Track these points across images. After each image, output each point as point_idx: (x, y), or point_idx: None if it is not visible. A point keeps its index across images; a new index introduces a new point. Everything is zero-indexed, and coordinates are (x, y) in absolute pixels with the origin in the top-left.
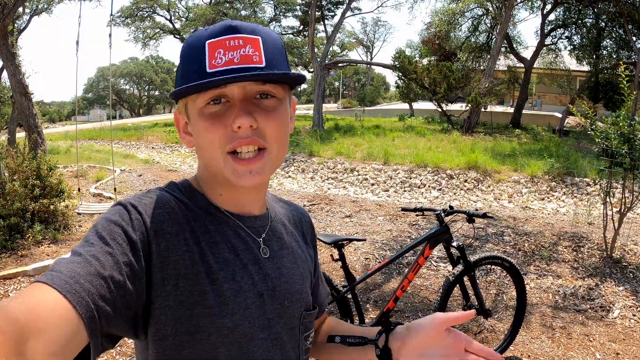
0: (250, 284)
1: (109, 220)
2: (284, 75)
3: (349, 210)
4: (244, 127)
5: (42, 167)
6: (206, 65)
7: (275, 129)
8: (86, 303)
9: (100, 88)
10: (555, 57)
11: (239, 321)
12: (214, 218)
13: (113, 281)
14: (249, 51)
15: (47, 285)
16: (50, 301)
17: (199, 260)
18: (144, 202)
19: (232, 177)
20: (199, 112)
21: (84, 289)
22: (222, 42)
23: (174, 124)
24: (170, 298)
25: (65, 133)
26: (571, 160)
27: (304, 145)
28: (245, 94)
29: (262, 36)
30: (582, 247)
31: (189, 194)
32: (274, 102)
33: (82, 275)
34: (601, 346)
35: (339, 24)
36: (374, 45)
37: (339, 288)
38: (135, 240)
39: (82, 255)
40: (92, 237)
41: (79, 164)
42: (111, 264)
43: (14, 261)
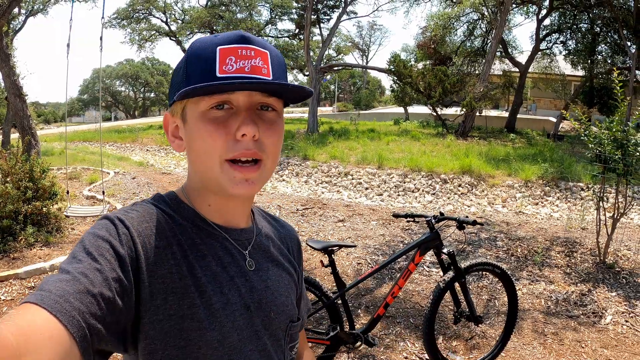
0: (237, 296)
1: (96, 235)
2: (301, 89)
3: (342, 215)
4: (249, 136)
5: (35, 169)
6: (216, 69)
7: (274, 144)
8: (77, 322)
9: (96, 89)
10: (550, 61)
11: (227, 333)
12: (200, 231)
13: (103, 298)
14: (259, 63)
15: (37, 305)
16: (41, 322)
17: (187, 273)
18: (131, 216)
19: (228, 184)
20: (201, 116)
21: (75, 308)
22: (234, 49)
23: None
24: (159, 312)
25: (60, 134)
26: (565, 165)
27: (298, 148)
28: (251, 103)
29: (270, 51)
30: (575, 253)
31: (176, 206)
32: (274, 115)
33: (71, 294)
34: (593, 352)
35: (335, 27)
36: (370, 49)
37: (329, 294)
38: (123, 255)
39: (71, 273)
40: (80, 254)
41: (73, 165)
42: (100, 281)
43: (6, 264)
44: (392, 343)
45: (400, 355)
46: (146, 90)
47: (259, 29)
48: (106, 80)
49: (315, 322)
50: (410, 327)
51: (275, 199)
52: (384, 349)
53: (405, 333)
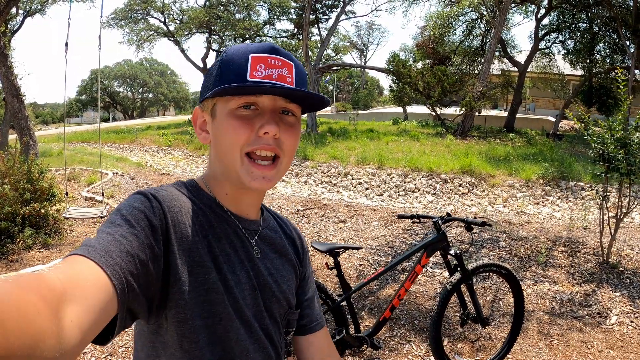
0: (246, 277)
1: (132, 206)
2: (321, 98)
3: (343, 215)
4: (270, 134)
5: (32, 171)
6: (247, 74)
7: (291, 143)
8: (119, 276)
9: (94, 90)
10: (549, 61)
11: (240, 309)
12: (217, 216)
13: (139, 260)
14: (285, 72)
15: (84, 257)
16: (87, 271)
17: (207, 251)
18: (162, 194)
19: (246, 177)
20: (230, 113)
21: (117, 263)
22: (264, 58)
23: (191, 121)
24: (187, 283)
25: (58, 135)
26: (565, 164)
27: (297, 149)
28: (274, 107)
29: (295, 64)
30: (578, 252)
31: (196, 192)
32: (294, 120)
33: (114, 251)
34: (599, 353)
35: (333, 27)
36: (368, 48)
37: (334, 297)
38: (156, 225)
39: (111, 234)
40: (118, 219)
41: (72, 166)
42: (137, 244)
43: (4, 266)
44: (397, 345)
45: (405, 358)
46: (144, 90)
47: (258, 29)
48: (104, 80)
49: None
50: (415, 329)
51: (275, 199)
52: (389, 351)
53: (410, 335)
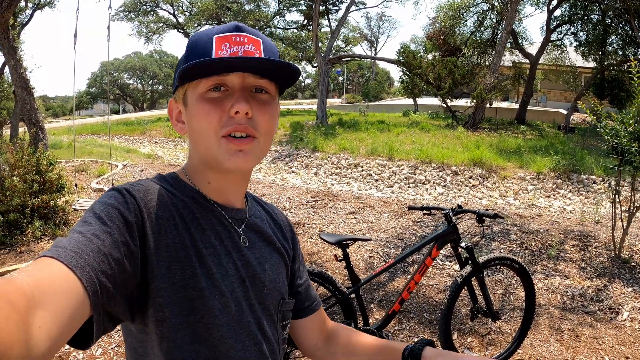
0: (234, 269)
1: (105, 203)
2: (287, 65)
3: (353, 207)
4: (241, 113)
5: (41, 162)
6: (212, 54)
7: (266, 122)
8: (90, 277)
9: (104, 83)
10: (560, 53)
11: (227, 303)
12: (200, 206)
13: (113, 259)
14: (251, 48)
15: (54, 258)
16: (56, 274)
17: (189, 244)
18: (137, 188)
19: (224, 157)
20: (200, 97)
21: (88, 264)
22: (228, 37)
23: (167, 114)
24: (164, 280)
25: (68, 127)
26: (577, 157)
27: (307, 140)
28: (244, 85)
29: (263, 39)
30: (589, 246)
31: (177, 184)
32: (267, 97)
33: (85, 252)
34: (610, 349)
35: (343, 18)
36: (378, 40)
37: (343, 289)
38: (131, 221)
39: (83, 234)
40: (90, 218)
41: (82, 158)
42: (110, 243)
43: (13, 257)
44: (406, 339)
45: None
46: (154, 82)
47: (267, 21)
48: (114, 73)
49: None
50: (424, 322)
51: (284, 190)
52: None
53: (419, 328)
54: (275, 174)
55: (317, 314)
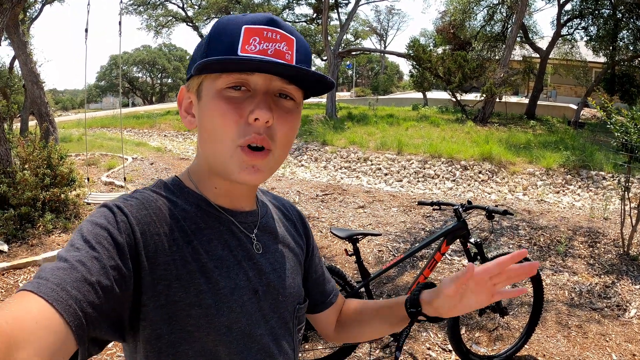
0: (245, 280)
1: (94, 223)
2: (321, 77)
3: (362, 201)
4: (262, 121)
5: (52, 156)
6: (239, 47)
7: (285, 135)
8: (73, 310)
9: (113, 76)
10: (571, 47)
11: (236, 318)
12: (205, 215)
13: (100, 286)
14: (283, 48)
15: (33, 293)
16: (36, 310)
17: (191, 260)
18: (130, 204)
19: (235, 169)
20: (217, 93)
21: (71, 296)
22: (259, 30)
23: (177, 103)
24: (162, 298)
25: (78, 121)
26: (587, 153)
27: (317, 134)
28: (268, 88)
29: (297, 38)
30: (598, 243)
31: (179, 191)
32: (292, 105)
33: (68, 282)
34: (617, 347)
35: (353, 12)
36: (388, 33)
37: (353, 284)
38: (121, 243)
39: (68, 261)
40: (78, 242)
41: (92, 152)
42: (97, 269)
43: (25, 250)
44: (415, 333)
45: (422, 346)
46: (163, 76)
47: (277, 14)
48: (123, 66)
49: None
50: None
51: (294, 184)
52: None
53: (428, 323)
54: (285, 168)
55: (333, 306)
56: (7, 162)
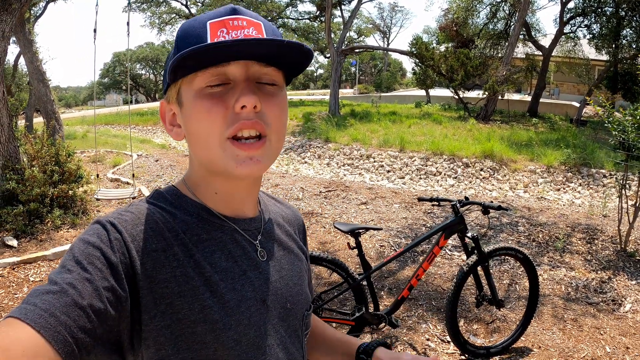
0: (251, 290)
1: (87, 242)
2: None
3: (364, 197)
4: (249, 107)
5: (60, 153)
6: (207, 41)
7: (277, 117)
8: (63, 337)
9: (116, 73)
10: (574, 45)
11: (244, 331)
12: (207, 224)
13: (93, 309)
14: (252, 33)
15: (21, 320)
16: (24, 339)
17: (193, 274)
18: (125, 219)
19: (231, 163)
20: (197, 94)
21: (60, 322)
22: (225, 22)
23: (160, 118)
24: (166, 317)
25: (82, 118)
26: (588, 151)
27: (320, 131)
28: (248, 75)
29: (263, 22)
30: (596, 240)
31: (177, 201)
32: (274, 89)
33: (57, 307)
34: (611, 339)
35: (356, 9)
36: (391, 31)
37: (355, 276)
38: (115, 262)
39: (58, 284)
40: (69, 263)
41: (97, 149)
42: (89, 292)
43: (34, 245)
44: (415, 325)
45: (422, 337)
46: None
47: (280, 11)
48: (126, 63)
49: (339, 304)
50: (433, 310)
51: (297, 181)
52: (406, 330)
53: (428, 315)
54: (288, 165)
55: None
56: (16, 160)
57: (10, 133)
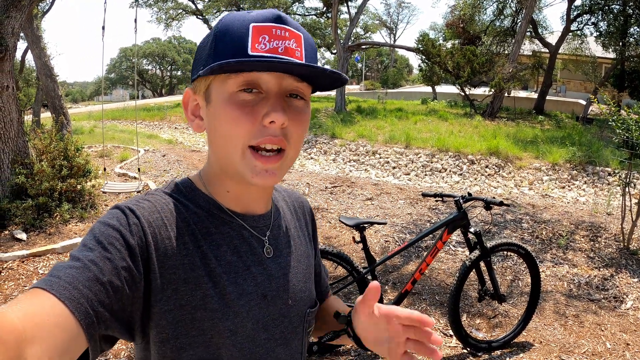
0: (253, 285)
1: (107, 224)
2: (337, 75)
3: (370, 193)
4: (277, 124)
5: (69, 148)
6: (248, 47)
7: (299, 134)
8: (85, 309)
9: (123, 68)
10: (580, 43)
11: (241, 323)
12: (215, 219)
13: (111, 286)
14: (293, 45)
15: (46, 291)
16: (48, 307)
17: (200, 264)
18: (142, 206)
19: (248, 173)
20: (229, 98)
21: (83, 295)
22: (268, 28)
23: (182, 104)
24: (170, 302)
25: (89, 113)
26: (593, 149)
27: (326, 127)
28: (280, 88)
29: (304, 35)
30: (599, 237)
31: (191, 194)
32: (302, 104)
33: (80, 281)
34: (612, 336)
35: (363, 5)
36: (398, 27)
37: (360, 269)
38: (133, 245)
39: (81, 260)
40: (90, 242)
41: (104, 144)
42: (109, 269)
43: (43, 239)
44: None
45: None
46: (173, 68)
47: (287, 7)
48: (133, 59)
49: (344, 297)
50: (436, 304)
51: (303, 176)
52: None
53: (431, 309)
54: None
55: (327, 301)
56: (25, 154)
57: (19, 128)
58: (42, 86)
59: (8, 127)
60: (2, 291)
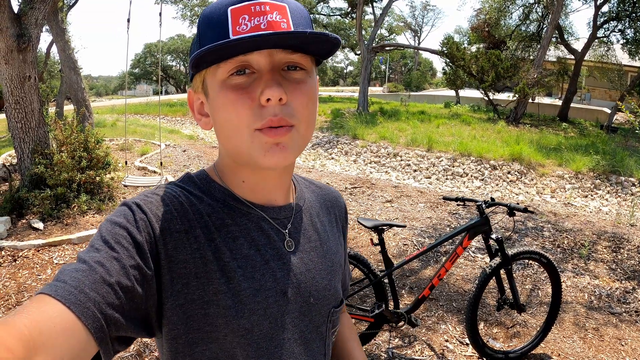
0: (272, 281)
1: (113, 222)
2: (324, 36)
3: (390, 195)
4: (274, 100)
5: (89, 140)
6: (229, 31)
7: (304, 105)
8: (92, 313)
9: (147, 64)
10: (606, 50)
11: (257, 321)
12: (232, 211)
13: (120, 287)
14: (276, 17)
15: (51, 297)
16: (55, 314)
17: (212, 258)
18: (150, 201)
19: (259, 152)
20: (221, 85)
21: (90, 299)
22: (246, 7)
23: (188, 106)
24: (180, 297)
25: (112, 107)
26: (617, 158)
27: (348, 127)
28: (273, 64)
29: (289, 4)
30: (621, 249)
31: (206, 186)
32: (302, 75)
33: (87, 284)
34: (632, 351)
35: (388, 6)
36: (422, 29)
37: (377, 272)
38: (141, 242)
39: (87, 262)
40: (97, 242)
41: (126, 137)
42: (117, 269)
43: (60, 229)
44: (434, 325)
45: (441, 338)
46: None
47: (311, 7)
48: (157, 54)
49: (359, 300)
50: (453, 311)
51: (324, 176)
52: (425, 330)
53: (447, 316)
54: (315, 160)
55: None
56: (46, 144)
57: (40, 118)
58: (66, 78)
59: (29, 117)
60: (16, 279)
